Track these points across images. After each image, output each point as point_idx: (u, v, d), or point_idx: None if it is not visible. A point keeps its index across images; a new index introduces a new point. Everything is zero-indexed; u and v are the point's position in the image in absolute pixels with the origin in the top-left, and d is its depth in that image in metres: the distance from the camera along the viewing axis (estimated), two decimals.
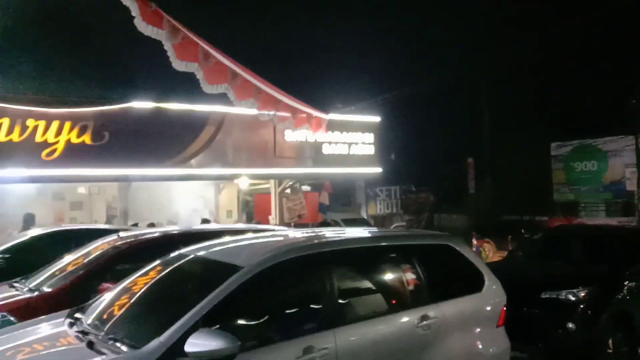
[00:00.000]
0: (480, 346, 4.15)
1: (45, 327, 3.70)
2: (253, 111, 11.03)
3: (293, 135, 12.73)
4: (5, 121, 9.42)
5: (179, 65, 7.25)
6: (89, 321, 3.53)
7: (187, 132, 11.42)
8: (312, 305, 3.59)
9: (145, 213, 13.16)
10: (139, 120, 10.78)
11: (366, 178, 15.34)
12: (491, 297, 4.38)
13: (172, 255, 4.14)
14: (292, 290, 3.63)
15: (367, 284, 3.99)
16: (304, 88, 12.86)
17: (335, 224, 15.59)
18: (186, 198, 14.99)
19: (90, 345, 3.10)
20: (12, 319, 4.78)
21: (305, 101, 11.42)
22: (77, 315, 3.70)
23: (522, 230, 14.21)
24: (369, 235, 4.69)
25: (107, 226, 9.34)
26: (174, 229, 7.55)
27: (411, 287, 4.08)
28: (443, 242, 4.61)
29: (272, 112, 9.74)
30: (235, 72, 8.10)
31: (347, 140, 13.77)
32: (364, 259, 4.08)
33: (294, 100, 10.31)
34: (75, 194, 14.26)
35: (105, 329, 3.34)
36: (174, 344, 2.87)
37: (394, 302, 3.96)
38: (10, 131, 9.45)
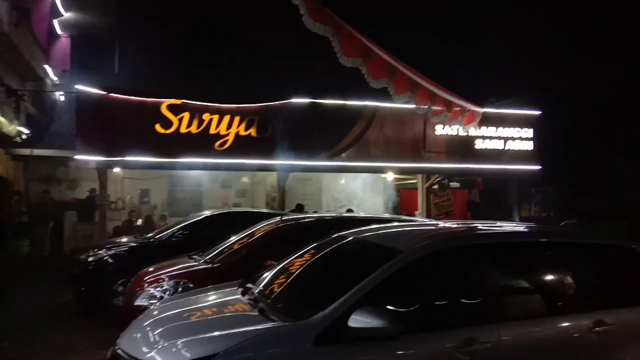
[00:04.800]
0: None
1: (221, 294, 4.12)
2: (403, 106, 11.03)
3: (444, 130, 12.49)
4: (186, 115, 10.71)
5: (345, 61, 7.54)
6: (258, 291, 3.84)
7: (340, 126, 11.85)
8: (473, 297, 3.46)
9: (300, 201, 13.93)
10: (297, 115, 11.47)
11: (522, 176, 14.29)
12: None
13: (331, 237, 4.33)
14: (452, 279, 3.54)
15: (534, 281, 3.73)
16: (456, 81, 12.41)
17: None
18: (335, 189, 15.54)
19: (262, 312, 3.36)
20: (191, 285, 5.48)
21: (458, 95, 11.07)
22: (248, 285, 4.05)
23: None
24: (537, 230, 4.36)
25: (268, 210, 10.13)
26: (329, 215, 7.92)
27: (585, 289, 3.71)
28: (626, 245, 4.10)
29: (427, 106, 9.60)
30: (393, 67, 8.16)
31: (503, 134, 13.06)
32: (530, 254, 3.83)
33: (448, 94, 10.05)
34: (240, 182, 15.73)
35: (273, 299, 3.61)
36: (338, 318, 2.99)
37: (563, 302, 3.65)
38: (189, 124, 10.72)
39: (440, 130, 12.45)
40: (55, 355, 5.72)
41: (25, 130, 10.87)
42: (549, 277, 3.82)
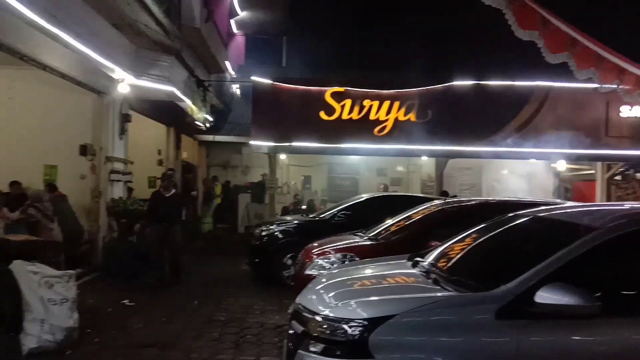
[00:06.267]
0: None
1: (390, 265, 4.19)
2: (581, 85, 9.96)
3: (631, 111, 11.00)
4: (348, 102, 11.05)
5: (521, 34, 7.13)
6: (429, 264, 3.80)
7: (507, 109, 11.16)
8: None
9: (458, 192, 13.47)
10: (459, 98, 11.08)
11: None
12: None
13: (505, 216, 4.10)
14: None
15: None
16: None
17: None
18: (496, 179, 14.64)
19: (436, 282, 3.32)
20: (356, 258, 5.71)
21: None
22: (417, 259, 4.04)
23: None
24: None
25: (426, 195, 10.03)
26: (495, 198, 7.57)
27: None
28: None
29: (615, 84, 8.49)
30: (574, 39, 7.37)
31: None
32: None
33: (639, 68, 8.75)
34: (395, 171, 15.77)
35: (446, 272, 3.54)
36: (523, 292, 2.81)
37: None
38: (350, 110, 11.04)
39: (626, 112, 10.99)
40: (238, 314, 6.37)
41: (210, 118, 12.22)
42: None
